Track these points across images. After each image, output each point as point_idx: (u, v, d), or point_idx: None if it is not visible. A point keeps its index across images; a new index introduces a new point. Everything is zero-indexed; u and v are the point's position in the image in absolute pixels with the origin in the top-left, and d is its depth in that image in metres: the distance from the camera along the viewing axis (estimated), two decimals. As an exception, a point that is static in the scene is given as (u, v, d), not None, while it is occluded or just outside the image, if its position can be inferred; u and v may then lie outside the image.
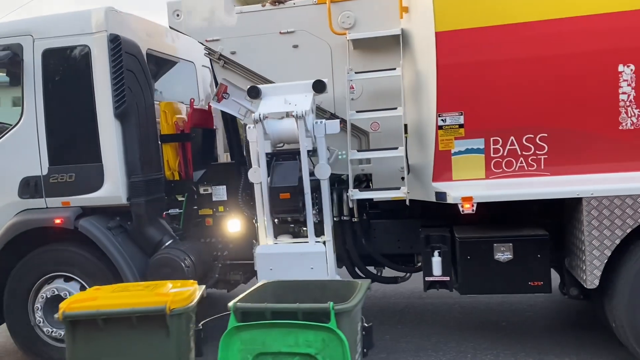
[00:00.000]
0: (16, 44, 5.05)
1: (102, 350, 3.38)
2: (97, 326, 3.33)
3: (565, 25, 4.06)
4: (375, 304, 6.45)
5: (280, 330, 3.13)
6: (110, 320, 3.34)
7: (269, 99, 4.68)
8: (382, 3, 4.72)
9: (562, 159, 4.19)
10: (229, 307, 3.30)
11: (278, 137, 4.65)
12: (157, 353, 3.37)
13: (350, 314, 3.21)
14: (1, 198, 5.12)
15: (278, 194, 4.63)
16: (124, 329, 3.34)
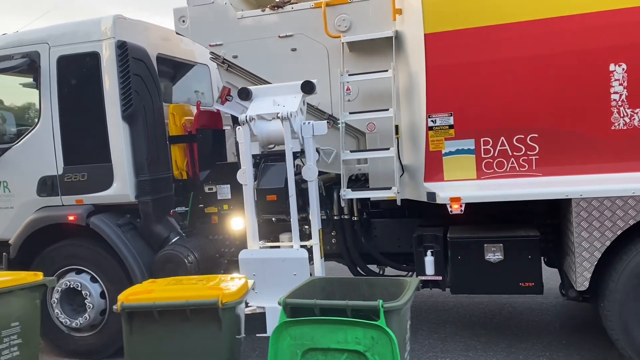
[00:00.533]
0: (34, 52, 5.38)
1: (157, 341, 3.47)
2: (153, 318, 3.42)
3: (555, 25, 4.03)
4: (424, 302, 6.44)
5: (329, 327, 3.15)
6: (165, 312, 3.43)
7: (259, 100, 4.76)
8: (376, 6, 4.77)
9: (554, 159, 4.15)
10: (278, 302, 3.34)
11: (267, 138, 4.68)
12: (210, 345, 3.44)
13: (400, 312, 3.20)
14: (22, 196, 5.47)
15: (265, 195, 4.72)
16: (178, 321, 3.42)
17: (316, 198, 4.69)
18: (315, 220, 4.71)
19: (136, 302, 3.48)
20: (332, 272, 7.55)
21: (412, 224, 5.09)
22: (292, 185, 4.58)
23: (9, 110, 6.08)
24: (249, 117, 4.56)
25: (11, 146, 5.52)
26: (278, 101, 4.60)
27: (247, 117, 4.56)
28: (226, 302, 3.39)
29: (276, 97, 4.65)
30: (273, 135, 4.60)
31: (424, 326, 5.69)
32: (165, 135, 5.59)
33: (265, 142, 4.69)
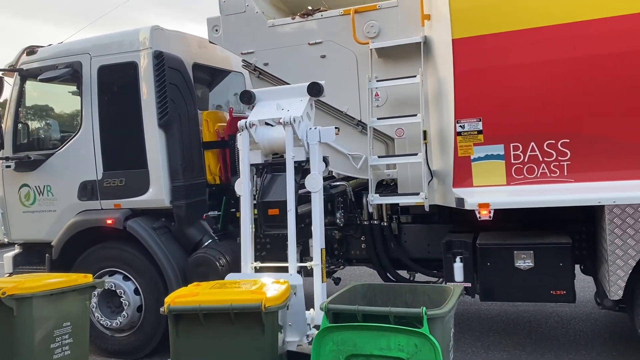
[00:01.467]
0: (77, 62, 5.62)
1: (202, 343, 3.50)
2: (198, 320, 3.44)
3: (589, 28, 3.94)
4: (467, 310, 6.34)
5: (371, 333, 3.12)
6: (210, 315, 3.44)
7: (262, 105, 4.53)
8: (405, 12, 4.80)
9: (586, 165, 4.06)
10: (321, 307, 3.33)
11: (270, 146, 4.37)
12: (253, 348, 3.46)
13: (444, 320, 3.15)
14: (63, 200, 5.72)
15: (267, 209, 4.32)
16: (223, 324, 3.43)
17: (320, 212, 4.24)
18: (317, 237, 4.20)
19: (182, 304, 3.50)
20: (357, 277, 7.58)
21: (442, 230, 5.06)
22: (291, 198, 4.16)
23: (53, 118, 6.38)
24: (249, 123, 4.28)
25: (55, 152, 5.78)
26: (282, 105, 4.36)
27: (247, 122, 4.29)
28: (269, 306, 3.39)
29: (280, 100, 4.43)
30: (276, 143, 4.32)
31: (466, 334, 5.61)
32: (200, 141, 5.74)
33: (267, 150, 4.41)
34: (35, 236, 5.89)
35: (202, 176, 5.75)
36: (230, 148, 5.78)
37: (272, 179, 4.42)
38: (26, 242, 6.08)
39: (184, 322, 3.51)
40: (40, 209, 5.80)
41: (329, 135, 4.37)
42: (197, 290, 3.72)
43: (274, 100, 4.46)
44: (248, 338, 3.45)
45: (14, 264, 6.02)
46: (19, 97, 5.93)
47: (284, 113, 4.29)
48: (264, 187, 4.39)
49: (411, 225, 5.33)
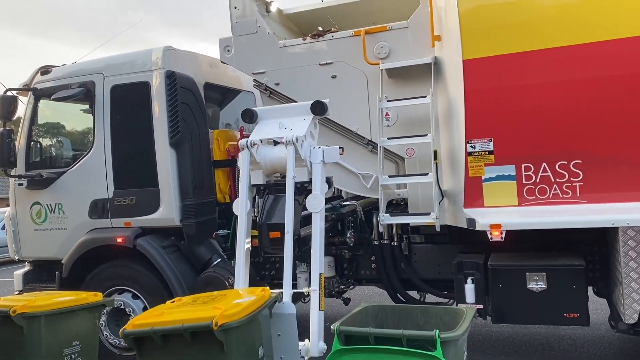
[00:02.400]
0: (90, 81, 5.70)
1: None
2: (158, 344, 3.19)
3: (601, 49, 3.95)
4: (478, 331, 6.23)
5: (384, 356, 3.07)
6: (169, 337, 3.19)
7: (265, 123, 4.43)
8: (415, 33, 4.83)
9: (599, 186, 4.03)
10: (332, 329, 3.23)
11: (272, 166, 4.24)
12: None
13: (457, 343, 3.09)
14: (74, 218, 5.75)
15: (267, 232, 4.15)
16: (181, 346, 3.17)
17: (320, 234, 4.02)
18: (316, 261, 3.96)
19: (138, 327, 3.24)
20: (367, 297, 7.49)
21: (453, 250, 5.02)
22: (289, 220, 3.92)
23: (65, 136, 6.44)
24: (251, 142, 4.16)
25: (67, 170, 5.82)
26: (285, 124, 4.25)
27: (248, 142, 4.18)
28: (223, 324, 3.06)
29: (283, 119, 4.32)
30: (278, 163, 4.19)
31: (477, 355, 5.53)
32: (210, 159, 5.77)
33: (269, 170, 4.26)
34: (46, 254, 5.92)
35: (212, 195, 5.76)
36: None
37: (275, 200, 4.25)
38: (36, 260, 6.11)
39: (145, 346, 3.26)
40: (51, 226, 5.84)
41: (332, 155, 4.26)
42: (162, 310, 3.45)
43: (277, 119, 4.37)
44: (209, 359, 3.16)
45: (24, 281, 6.04)
46: (32, 116, 6.01)
47: (286, 132, 4.18)
48: (265, 209, 4.22)
49: (422, 245, 5.30)
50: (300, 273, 5.43)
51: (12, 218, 6.10)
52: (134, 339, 3.26)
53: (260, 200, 4.28)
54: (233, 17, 5.48)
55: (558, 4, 4.06)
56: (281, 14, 5.92)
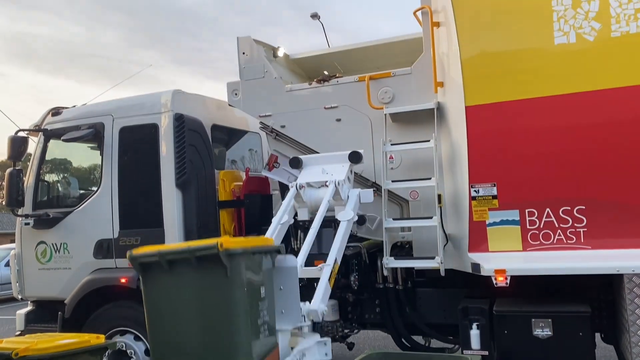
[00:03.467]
0: (99, 123, 5.82)
1: (169, 290, 3.32)
2: (163, 268, 3.27)
3: (603, 97, 4.01)
4: None
5: None
6: (174, 262, 3.26)
7: (309, 169, 4.99)
8: (418, 79, 4.93)
9: (603, 232, 4.03)
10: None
11: (316, 204, 4.78)
12: (219, 293, 3.22)
13: None
14: (79, 258, 5.76)
15: (312, 261, 4.55)
16: (187, 271, 3.25)
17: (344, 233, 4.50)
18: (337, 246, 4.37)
19: (147, 252, 3.39)
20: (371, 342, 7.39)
21: (458, 295, 4.97)
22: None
23: (73, 176, 6.52)
24: (299, 185, 4.74)
25: (74, 210, 5.87)
26: (327, 170, 4.79)
27: (297, 184, 4.74)
28: (229, 248, 3.14)
29: (325, 165, 4.85)
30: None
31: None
32: (215, 200, 5.81)
33: (313, 208, 4.79)
34: (49, 293, 5.91)
35: (217, 235, 5.77)
36: (245, 207, 5.84)
37: (318, 234, 4.62)
38: (39, 299, 6.09)
39: (151, 272, 3.35)
40: (55, 266, 5.85)
41: (367, 196, 4.81)
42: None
43: (320, 165, 4.90)
44: (211, 281, 3.21)
45: (26, 321, 6.01)
46: (41, 156, 6.10)
47: (329, 176, 4.73)
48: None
49: (426, 290, 5.26)
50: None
51: (17, 257, 6.12)
52: (140, 264, 3.34)
53: (302, 234, 4.86)
54: (241, 62, 5.62)
55: (560, 52, 4.15)
56: (288, 58, 6.08)
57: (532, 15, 4.21)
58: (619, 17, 3.97)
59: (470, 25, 4.38)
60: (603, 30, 4.02)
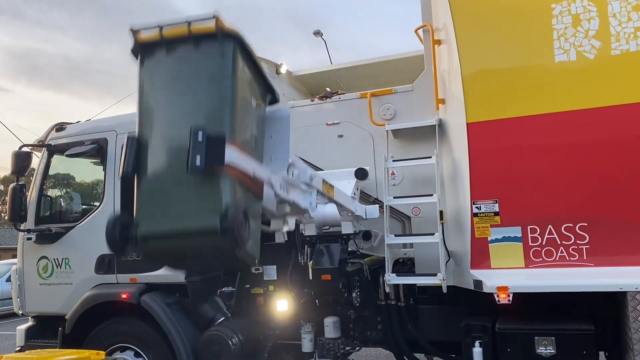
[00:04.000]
0: (102, 138, 5.84)
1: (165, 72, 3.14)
2: (162, 50, 3.11)
3: (606, 114, 4.02)
4: None
5: None
6: (173, 43, 3.09)
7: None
8: (419, 96, 4.97)
9: (606, 249, 4.01)
10: None
11: (322, 220, 4.91)
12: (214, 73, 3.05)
13: None
14: (81, 273, 5.75)
15: (320, 275, 4.80)
16: (186, 52, 3.09)
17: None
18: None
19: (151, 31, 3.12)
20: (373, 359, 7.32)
21: (460, 312, 4.94)
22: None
23: (76, 192, 6.54)
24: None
25: (76, 225, 5.88)
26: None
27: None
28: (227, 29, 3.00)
29: (331, 182, 4.77)
30: (328, 218, 4.84)
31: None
32: (217, 216, 5.80)
33: (320, 223, 4.93)
34: (50, 309, 5.89)
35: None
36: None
37: (325, 248, 4.91)
38: (40, 314, 6.07)
39: (150, 53, 3.16)
40: (56, 281, 5.84)
41: (373, 212, 4.92)
42: None
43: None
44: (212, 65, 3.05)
45: (26, 337, 5.98)
46: (45, 171, 6.12)
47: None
48: (317, 256, 4.86)
49: (429, 307, 5.21)
50: (305, 333, 5.34)
51: (19, 272, 6.11)
52: (140, 46, 3.14)
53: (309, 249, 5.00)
54: (244, 79, 5.65)
55: (561, 70, 4.17)
56: (290, 75, 6.12)
57: (532, 33, 4.24)
58: (618, 36, 4.01)
59: (471, 42, 4.42)
60: (603, 48, 4.05)
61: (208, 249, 2.94)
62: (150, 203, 2.99)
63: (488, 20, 4.43)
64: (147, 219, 2.93)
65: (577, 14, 4.13)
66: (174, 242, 2.87)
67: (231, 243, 2.77)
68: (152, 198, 3.00)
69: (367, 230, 5.18)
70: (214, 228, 2.72)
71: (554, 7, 4.19)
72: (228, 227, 2.71)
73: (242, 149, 3.02)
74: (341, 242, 4.98)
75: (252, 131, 3.33)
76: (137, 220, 2.95)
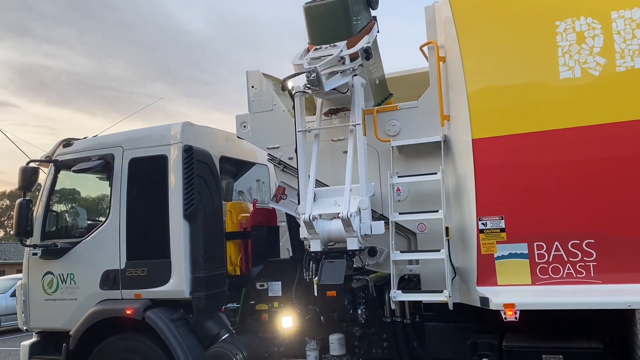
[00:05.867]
0: (109, 154, 5.89)
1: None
2: None
3: (612, 130, 4.02)
4: None
5: None
6: None
7: (321, 201, 5.01)
8: (424, 112, 4.97)
9: (613, 266, 3.98)
10: None
11: (328, 236, 4.90)
12: None
13: None
14: (85, 288, 5.75)
15: (325, 291, 4.73)
16: None
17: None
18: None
19: None
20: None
21: (467, 329, 4.89)
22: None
23: (82, 207, 6.57)
24: (312, 217, 4.77)
25: (81, 240, 5.89)
26: (339, 202, 4.82)
27: (310, 216, 4.77)
28: None
29: (337, 198, 4.87)
30: (333, 234, 4.83)
31: None
32: (222, 231, 5.81)
33: (326, 239, 4.91)
34: (54, 325, 5.88)
35: (223, 267, 5.76)
36: (252, 239, 5.84)
37: (330, 264, 4.83)
38: (44, 330, 6.06)
39: None
40: (61, 297, 5.84)
41: (378, 228, 4.81)
42: None
43: (332, 198, 4.92)
44: None
45: (30, 353, 5.98)
46: (51, 187, 6.16)
47: (341, 208, 4.73)
48: (322, 272, 4.78)
49: (435, 324, 5.16)
50: (310, 350, 5.31)
51: (24, 287, 6.12)
52: None
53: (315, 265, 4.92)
54: (250, 95, 5.71)
55: (565, 87, 4.19)
56: (296, 91, 6.13)
57: (537, 50, 4.26)
58: (623, 53, 4.03)
59: (476, 59, 4.44)
60: (608, 65, 4.07)
61: None
62: None
63: (493, 37, 4.46)
64: None
65: (582, 31, 4.16)
66: None
67: None
68: None
69: (372, 247, 5.15)
70: None
71: (558, 24, 4.23)
72: None
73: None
74: (346, 259, 4.95)
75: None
76: None
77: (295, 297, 5.42)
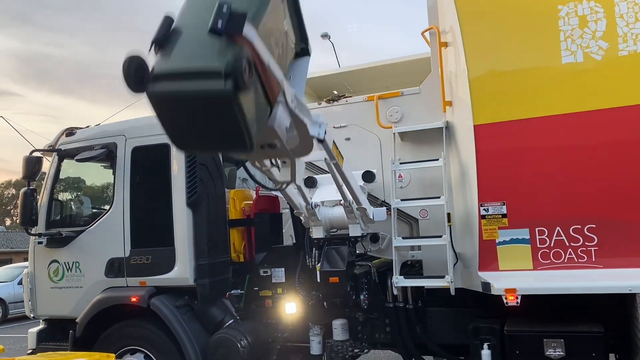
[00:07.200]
0: (112, 143, 5.90)
1: None
2: None
3: (614, 115, 4.01)
4: None
5: None
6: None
7: (323, 188, 5.05)
8: (426, 98, 4.97)
9: (615, 251, 4.00)
10: None
11: (330, 223, 4.97)
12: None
13: None
14: (91, 277, 5.80)
15: (327, 277, 4.82)
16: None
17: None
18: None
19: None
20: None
21: (469, 314, 4.93)
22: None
23: (86, 196, 6.60)
24: (314, 204, 4.80)
25: (86, 229, 5.93)
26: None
27: (312, 203, 4.81)
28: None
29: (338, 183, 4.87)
30: (335, 220, 4.90)
31: None
32: (226, 219, 5.84)
33: (328, 226, 4.97)
34: (61, 312, 5.95)
35: (227, 254, 5.79)
36: (255, 226, 5.87)
37: (329, 251, 4.93)
38: (51, 317, 6.13)
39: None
40: (67, 285, 5.90)
41: (381, 214, 4.91)
42: None
43: (334, 185, 4.84)
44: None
45: (38, 340, 6.05)
46: (55, 176, 6.19)
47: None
48: (325, 258, 4.87)
49: (437, 309, 5.21)
50: (313, 336, 5.36)
51: (30, 275, 6.18)
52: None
53: (317, 251, 5.00)
54: (251, 82, 5.68)
55: (568, 71, 4.16)
56: (298, 78, 6.13)
57: (539, 35, 4.24)
58: (626, 37, 3.99)
59: (477, 44, 4.42)
60: (610, 49, 4.04)
61: (210, 97, 2.82)
62: (177, 43, 2.93)
63: (494, 22, 4.43)
64: (164, 57, 2.90)
65: (584, 15, 4.13)
66: (180, 84, 2.81)
67: (232, 87, 2.70)
68: (179, 39, 2.95)
69: (374, 233, 5.18)
70: (218, 69, 2.63)
71: (560, 8, 4.19)
72: (232, 69, 2.58)
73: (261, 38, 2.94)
74: (349, 245, 4.99)
75: (277, 50, 3.16)
76: (157, 58, 2.92)
77: (298, 283, 5.47)
